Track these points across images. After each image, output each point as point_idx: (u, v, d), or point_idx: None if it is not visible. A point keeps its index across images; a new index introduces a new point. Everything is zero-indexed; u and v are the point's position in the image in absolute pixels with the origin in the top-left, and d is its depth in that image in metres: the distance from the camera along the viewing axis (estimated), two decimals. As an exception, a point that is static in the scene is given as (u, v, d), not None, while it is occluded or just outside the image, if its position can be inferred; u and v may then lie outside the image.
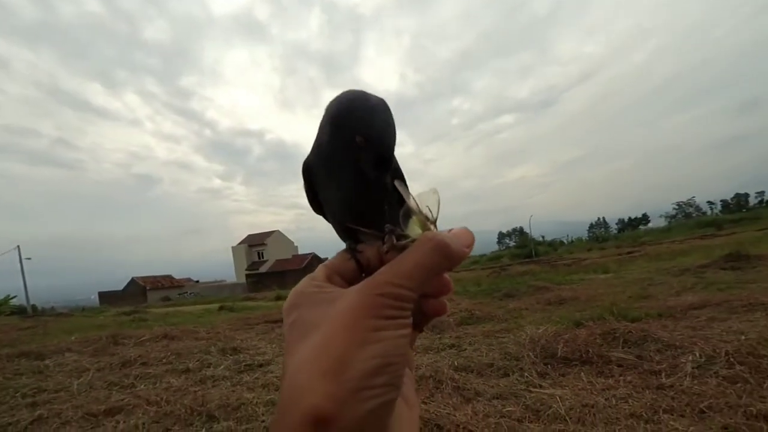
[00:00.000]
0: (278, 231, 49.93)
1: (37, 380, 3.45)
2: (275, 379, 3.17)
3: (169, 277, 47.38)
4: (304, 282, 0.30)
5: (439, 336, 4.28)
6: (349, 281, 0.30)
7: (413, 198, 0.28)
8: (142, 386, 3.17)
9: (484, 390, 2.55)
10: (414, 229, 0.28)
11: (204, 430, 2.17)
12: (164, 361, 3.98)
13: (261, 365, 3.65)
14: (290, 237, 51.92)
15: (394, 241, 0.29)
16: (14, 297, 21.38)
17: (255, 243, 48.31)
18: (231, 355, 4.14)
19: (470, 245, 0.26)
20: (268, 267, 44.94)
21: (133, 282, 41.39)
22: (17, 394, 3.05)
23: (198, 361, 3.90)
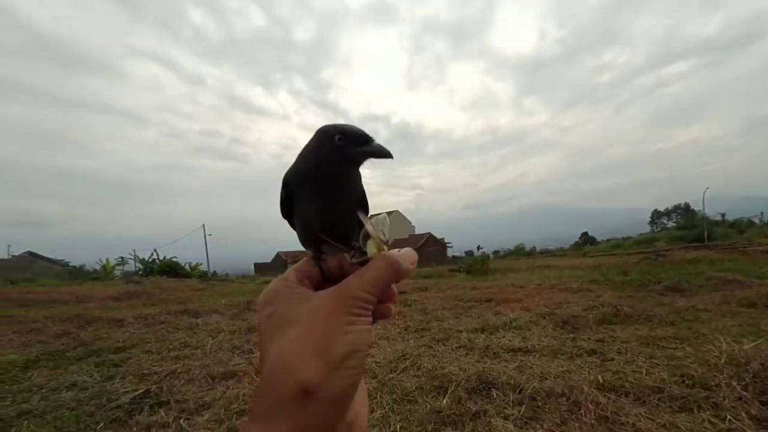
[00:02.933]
0: (397, 211, 51.87)
1: (186, 336, 4.07)
2: (375, 365, 2.94)
3: (304, 253, 54.52)
4: (277, 282, 0.35)
5: (572, 336, 3.41)
6: (314, 285, 0.36)
7: (370, 223, 0.36)
8: (257, 354, 3.36)
9: (651, 429, 1.75)
10: (371, 249, 0.35)
11: (292, 415, 2.05)
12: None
13: (363, 347, 3.51)
14: (408, 217, 53.40)
15: (358, 256, 0.36)
16: (201, 264, 27.85)
17: (376, 223, 51.31)
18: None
19: (414, 263, 0.35)
20: (386, 246, 47.33)
21: (278, 256, 49.35)
22: (170, 347, 3.60)
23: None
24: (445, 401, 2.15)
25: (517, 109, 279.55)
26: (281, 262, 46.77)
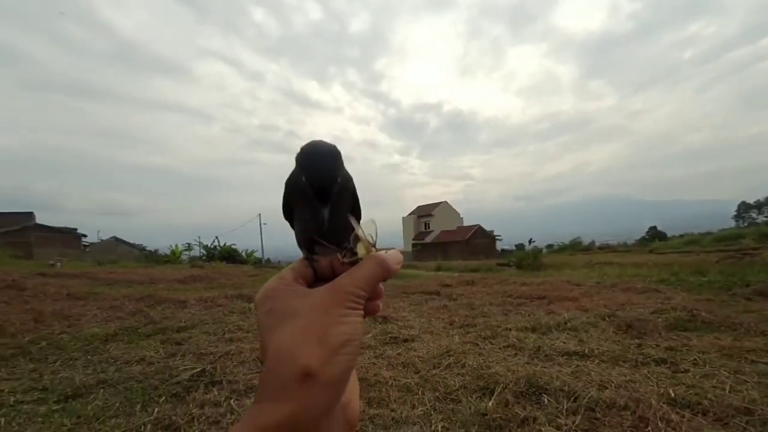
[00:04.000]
0: (446, 202, 51.05)
1: (240, 319, 4.32)
2: (417, 359, 2.89)
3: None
4: (274, 280, 0.38)
5: (636, 342, 3.08)
6: (308, 283, 0.39)
7: (360, 227, 0.39)
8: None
9: (738, 458, 1.50)
10: (361, 250, 0.38)
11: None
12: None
13: (406, 340, 3.47)
14: (457, 208, 52.39)
15: (349, 257, 0.39)
16: (255, 252, 29.71)
17: (423, 214, 50.97)
18: (381, 323, 4.16)
19: (400, 263, 0.38)
20: (433, 237, 46.89)
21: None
22: (226, 329, 3.84)
23: (352, 324, 4.06)
24: (490, 404, 2.03)
25: (581, 93, 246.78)
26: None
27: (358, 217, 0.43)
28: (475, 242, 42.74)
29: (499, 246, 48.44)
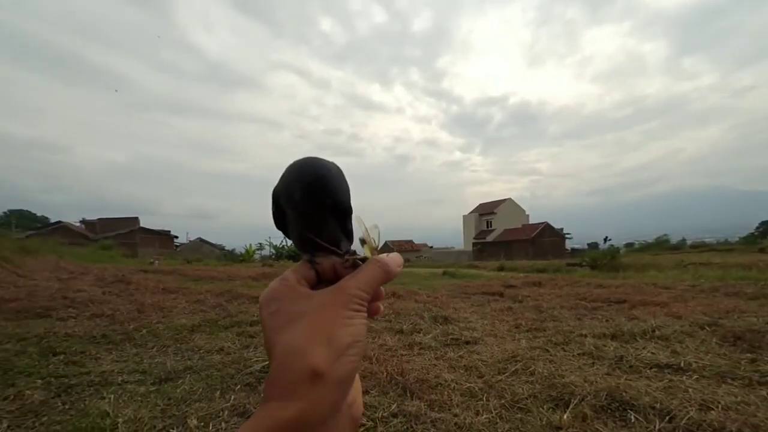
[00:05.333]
0: (510, 199, 48.82)
1: (305, 316, 4.54)
2: (481, 363, 2.76)
3: (410, 242, 56.26)
4: (278, 282, 0.39)
5: (749, 356, 2.60)
6: (311, 285, 0.40)
7: (366, 230, 0.41)
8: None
9: None
10: (365, 252, 0.41)
11: (395, 405, 2.05)
12: (386, 318, 4.37)
13: (468, 342, 3.34)
14: (522, 205, 49.81)
15: (351, 259, 0.40)
16: (319, 251, 31.13)
17: (485, 212, 49.25)
18: (441, 324, 4.07)
19: (400, 266, 0.40)
20: (495, 236, 45.00)
21: (386, 245, 52.01)
22: (292, 324, 4.06)
23: (411, 324, 4.03)
24: (565, 416, 1.86)
25: (671, 73, 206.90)
26: (389, 251, 49.08)
27: (349, 226, 0.45)
28: (541, 241, 40.07)
29: (568, 245, 44.85)
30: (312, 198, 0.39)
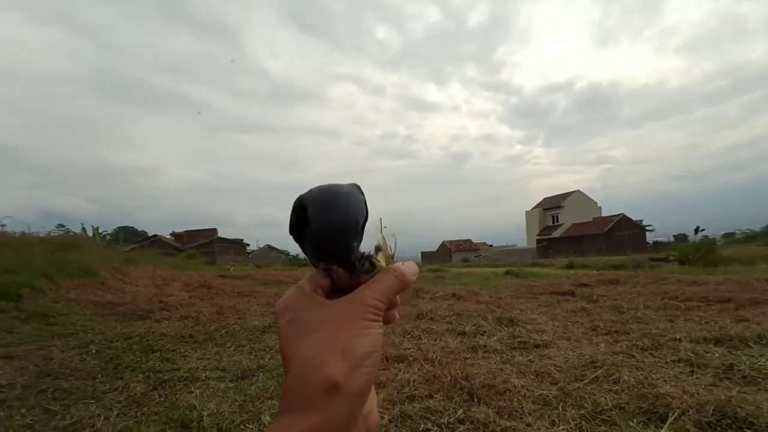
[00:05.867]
0: (579, 191, 45.27)
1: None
2: (554, 368, 2.56)
3: (468, 241, 54.68)
4: (293, 291, 0.39)
5: None
6: (326, 294, 0.39)
7: (382, 237, 0.41)
8: (426, 341, 3.47)
9: None
10: (381, 261, 0.39)
11: (461, 411, 1.97)
12: (447, 319, 4.27)
13: (538, 346, 3.11)
14: (593, 197, 45.89)
15: (368, 266, 0.39)
16: (377, 254, 31.73)
17: (550, 206, 46.15)
18: (506, 326, 3.85)
19: (416, 274, 0.39)
20: (561, 231, 41.91)
21: (443, 244, 51.08)
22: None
23: (474, 326, 3.89)
24: (661, 433, 1.63)
25: None
26: (446, 250, 48.21)
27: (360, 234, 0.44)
28: (617, 235, 36.34)
29: (649, 238, 40.06)
30: (334, 246, 0.40)
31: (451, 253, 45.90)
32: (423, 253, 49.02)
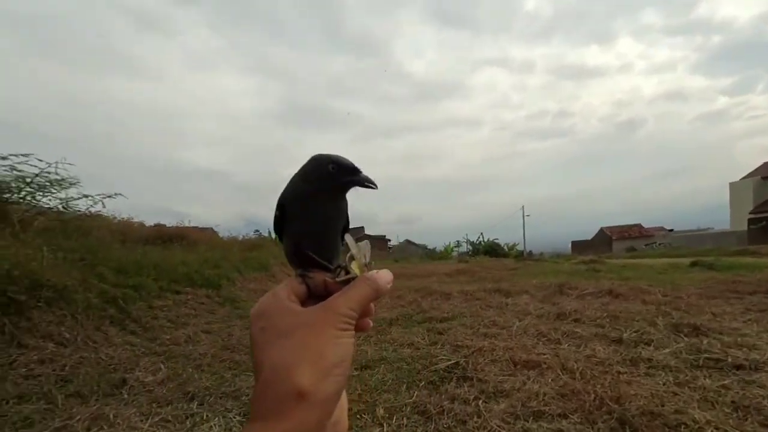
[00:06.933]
0: None
1: (496, 314, 4.26)
2: (767, 402, 1.77)
3: (637, 227, 44.90)
4: (268, 297, 0.39)
5: None
6: (301, 300, 0.40)
7: (355, 246, 0.42)
8: (566, 345, 2.95)
9: None
10: (354, 270, 0.40)
11: (605, 441, 1.55)
12: (597, 322, 3.54)
13: (739, 367, 2.23)
14: None
15: (343, 276, 0.41)
16: (518, 244, 29.44)
17: (776, 173, 33.45)
18: (687, 335, 2.92)
19: (390, 282, 0.40)
20: (789, 207, 29.88)
21: (601, 232, 43.42)
22: (481, 323, 3.88)
23: (636, 332, 3.09)
24: None
25: None
26: (605, 238, 40.90)
27: (342, 243, 0.46)
28: None
29: None
30: (312, 250, 0.44)
31: (612, 242, 38.72)
32: (574, 243, 42.92)
